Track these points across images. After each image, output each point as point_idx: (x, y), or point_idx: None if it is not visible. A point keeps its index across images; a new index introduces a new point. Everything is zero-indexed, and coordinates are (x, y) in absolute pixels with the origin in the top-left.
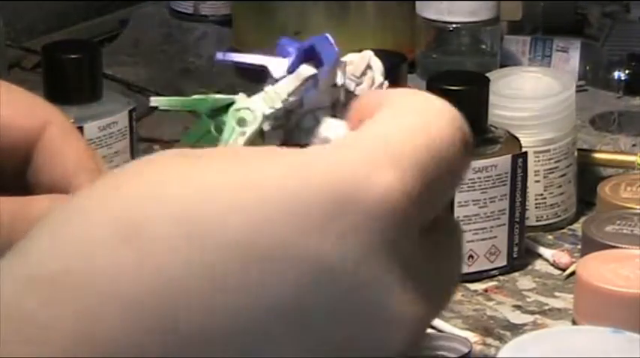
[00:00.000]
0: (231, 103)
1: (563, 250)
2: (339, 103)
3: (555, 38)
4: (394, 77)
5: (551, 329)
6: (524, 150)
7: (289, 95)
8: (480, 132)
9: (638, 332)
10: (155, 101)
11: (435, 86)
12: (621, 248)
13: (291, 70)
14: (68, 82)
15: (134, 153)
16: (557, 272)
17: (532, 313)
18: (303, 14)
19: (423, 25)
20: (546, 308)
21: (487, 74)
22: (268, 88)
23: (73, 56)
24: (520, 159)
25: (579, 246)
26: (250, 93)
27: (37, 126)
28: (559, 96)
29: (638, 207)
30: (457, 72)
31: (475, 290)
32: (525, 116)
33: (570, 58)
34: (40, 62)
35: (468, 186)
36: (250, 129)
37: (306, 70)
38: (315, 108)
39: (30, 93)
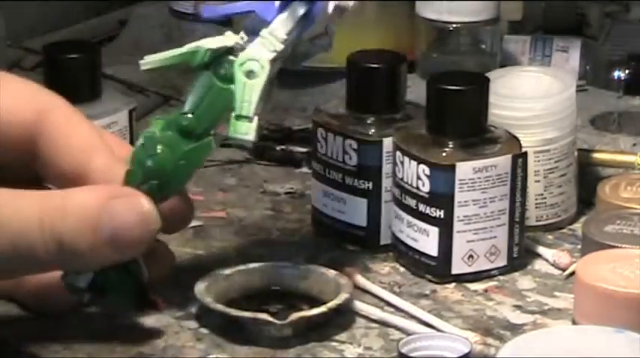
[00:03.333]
0: (225, 52)
1: (563, 250)
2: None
3: (555, 38)
4: (394, 77)
5: (551, 329)
6: (524, 150)
7: (288, 35)
8: (480, 132)
9: (638, 332)
10: (146, 63)
11: (435, 86)
12: (621, 248)
13: (281, 9)
14: (68, 82)
15: None
16: (557, 272)
17: (532, 313)
18: None
19: (423, 25)
20: (546, 308)
21: (487, 74)
22: (264, 33)
23: (73, 56)
24: (520, 159)
25: (579, 246)
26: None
27: (37, 115)
28: (559, 95)
29: (638, 206)
30: (457, 72)
31: (475, 290)
32: (525, 116)
33: (570, 57)
34: (40, 62)
35: (468, 186)
36: (262, 79)
37: (300, 7)
38: (311, 37)
39: (29, 81)
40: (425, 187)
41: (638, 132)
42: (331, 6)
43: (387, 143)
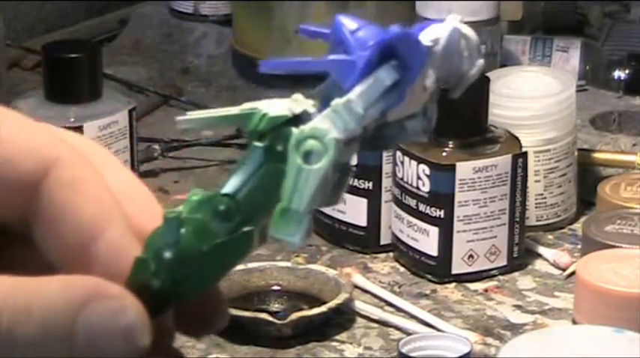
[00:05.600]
0: (288, 122)
1: (563, 250)
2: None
3: (555, 38)
4: None
5: (551, 329)
6: (524, 149)
7: (366, 110)
8: (480, 132)
9: (638, 332)
10: (184, 121)
11: None
12: (621, 247)
13: (362, 76)
14: (68, 82)
15: (134, 153)
16: (557, 272)
17: (532, 313)
18: (303, 14)
19: None
20: (546, 308)
21: (487, 74)
22: (336, 104)
23: (73, 56)
24: (520, 159)
25: (579, 246)
26: (308, 91)
27: (40, 168)
28: (559, 95)
29: (638, 206)
30: None
31: (475, 290)
32: (525, 116)
33: (570, 57)
34: (40, 62)
35: (468, 186)
36: (323, 164)
37: (387, 75)
38: (401, 118)
39: (32, 122)
40: (425, 187)
41: (638, 131)
42: (431, 78)
43: None
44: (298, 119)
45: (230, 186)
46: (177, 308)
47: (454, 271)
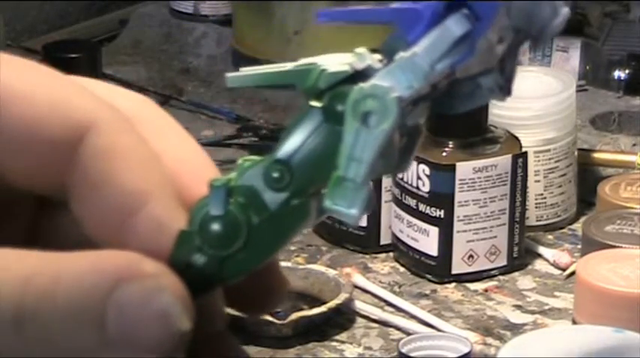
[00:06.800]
0: (350, 78)
1: (563, 250)
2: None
3: (555, 38)
4: None
5: (551, 329)
6: (524, 150)
7: (433, 65)
8: (480, 132)
9: (638, 332)
10: (234, 79)
11: None
12: (621, 247)
13: (429, 25)
14: None
15: None
16: (557, 272)
17: (532, 313)
18: (303, 14)
19: None
20: (546, 308)
21: None
22: (400, 57)
23: (73, 56)
24: (520, 159)
25: (579, 246)
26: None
27: (72, 132)
28: (559, 95)
29: (638, 206)
30: None
31: (475, 290)
32: (525, 116)
33: (570, 57)
34: (40, 62)
35: (468, 186)
36: (384, 128)
37: (456, 25)
38: (474, 74)
39: (66, 78)
40: (425, 187)
41: (638, 132)
42: (508, 29)
43: None
44: (361, 76)
45: (284, 151)
46: (225, 286)
47: (454, 271)
